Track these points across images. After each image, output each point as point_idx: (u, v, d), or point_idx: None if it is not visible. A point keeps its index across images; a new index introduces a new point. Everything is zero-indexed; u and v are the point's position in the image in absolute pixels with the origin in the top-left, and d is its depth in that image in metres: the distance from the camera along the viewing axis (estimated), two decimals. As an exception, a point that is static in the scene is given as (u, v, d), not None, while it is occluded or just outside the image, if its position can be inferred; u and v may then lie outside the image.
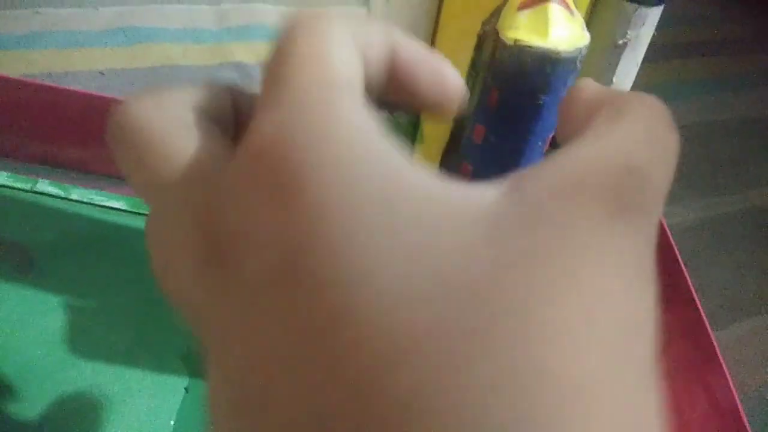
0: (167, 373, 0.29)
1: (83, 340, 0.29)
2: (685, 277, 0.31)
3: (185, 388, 0.28)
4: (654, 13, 0.22)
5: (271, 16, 0.61)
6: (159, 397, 0.28)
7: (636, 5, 0.21)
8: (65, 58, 0.50)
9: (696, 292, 0.41)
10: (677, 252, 0.33)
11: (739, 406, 0.27)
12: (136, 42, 0.53)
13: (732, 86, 0.67)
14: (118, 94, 0.47)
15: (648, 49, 0.74)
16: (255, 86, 0.41)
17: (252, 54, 0.55)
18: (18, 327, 0.29)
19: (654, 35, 0.74)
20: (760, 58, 0.74)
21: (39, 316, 0.30)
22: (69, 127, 0.37)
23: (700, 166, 0.53)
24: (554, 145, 0.28)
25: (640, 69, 0.71)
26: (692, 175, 0.52)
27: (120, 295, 0.31)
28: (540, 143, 0.20)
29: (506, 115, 0.19)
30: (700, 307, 0.30)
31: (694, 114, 0.60)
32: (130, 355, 0.29)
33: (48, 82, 0.36)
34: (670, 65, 0.68)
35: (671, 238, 0.33)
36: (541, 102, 0.19)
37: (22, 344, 0.28)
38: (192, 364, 0.29)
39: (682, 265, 0.32)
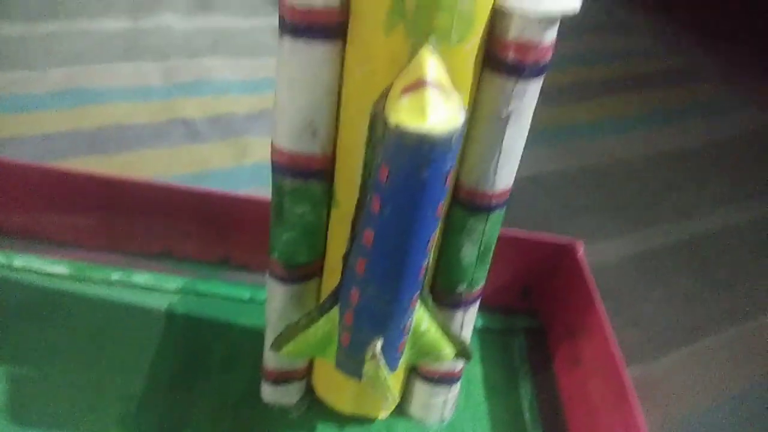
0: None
1: (26, 408, 0.30)
2: (600, 314, 0.33)
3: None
4: (534, 85, 0.24)
5: (219, 70, 0.63)
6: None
7: (515, 79, 0.23)
8: (12, 123, 0.51)
9: (627, 326, 0.43)
10: (595, 290, 0.34)
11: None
12: (83, 103, 0.55)
13: (666, 118, 0.70)
14: (63, 156, 0.48)
15: (581, 87, 0.77)
16: (201, 142, 0.43)
17: (199, 109, 0.57)
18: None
19: (587, 72, 0.77)
20: (693, 89, 0.77)
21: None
22: (8, 196, 0.38)
23: (634, 200, 0.56)
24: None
25: (573, 108, 0.74)
26: (626, 209, 0.54)
27: (61, 361, 0.32)
28: (431, 213, 0.22)
29: (396, 189, 0.21)
30: (615, 344, 0.32)
31: (629, 148, 0.63)
32: (72, 422, 0.30)
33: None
34: (604, 102, 0.71)
35: (588, 275, 0.35)
36: (425, 177, 0.21)
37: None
38: (133, 429, 0.30)
39: (599, 304, 0.34)
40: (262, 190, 0.40)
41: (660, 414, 0.37)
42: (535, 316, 0.40)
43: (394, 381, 0.30)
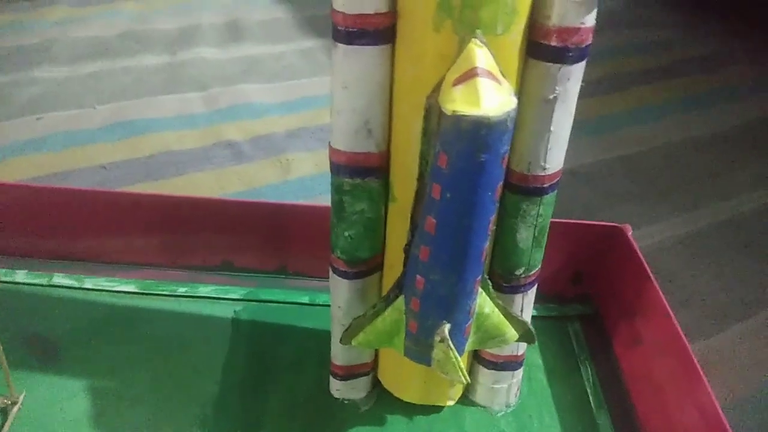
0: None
1: (108, 418, 0.32)
2: (657, 293, 0.34)
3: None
4: (578, 69, 0.25)
5: (255, 94, 0.65)
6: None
7: (559, 65, 0.24)
8: (68, 157, 0.54)
9: (681, 305, 0.43)
10: (649, 270, 0.35)
11: (722, 416, 0.28)
12: (133, 134, 0.57)
13: (699, 104, 0.70)
14: (119, 185, 0.51)
15: (615, 78, 0.77)
16: (246, 162, 0.45)
17: (241, 132, 0.59)
18: (47, 412, 0.31)
19: (619, 64, 0.77)
20: (723, 74, 0.77)
21: (66, 400, 0.32)
22: (77, 222, 0.40)
23: (674, 184, 0.56)
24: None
25: (608, 99, 0.75)
26: (667, 194, 0.55)
27: (139, 372, 0.34)
28: (489, 194, 0.23)
29: (455, 174, 0.22)
30: (675, 322, 0.32)
31: (664, 135, 0.64)
32: (153, 428, 0.31)
33: (53, 185, 0.39)
34: (638, 91, 0.72)
35: (639, 256, 0.36)
36: (483, 160, 0.22)
37: (51, 429, 0.31)
38: (212, 430, 0.31)
39: (655, 283, 0.34)
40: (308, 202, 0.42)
41: (725, 390, 0.37)
42: (588, 303, 0.40)
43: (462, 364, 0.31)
